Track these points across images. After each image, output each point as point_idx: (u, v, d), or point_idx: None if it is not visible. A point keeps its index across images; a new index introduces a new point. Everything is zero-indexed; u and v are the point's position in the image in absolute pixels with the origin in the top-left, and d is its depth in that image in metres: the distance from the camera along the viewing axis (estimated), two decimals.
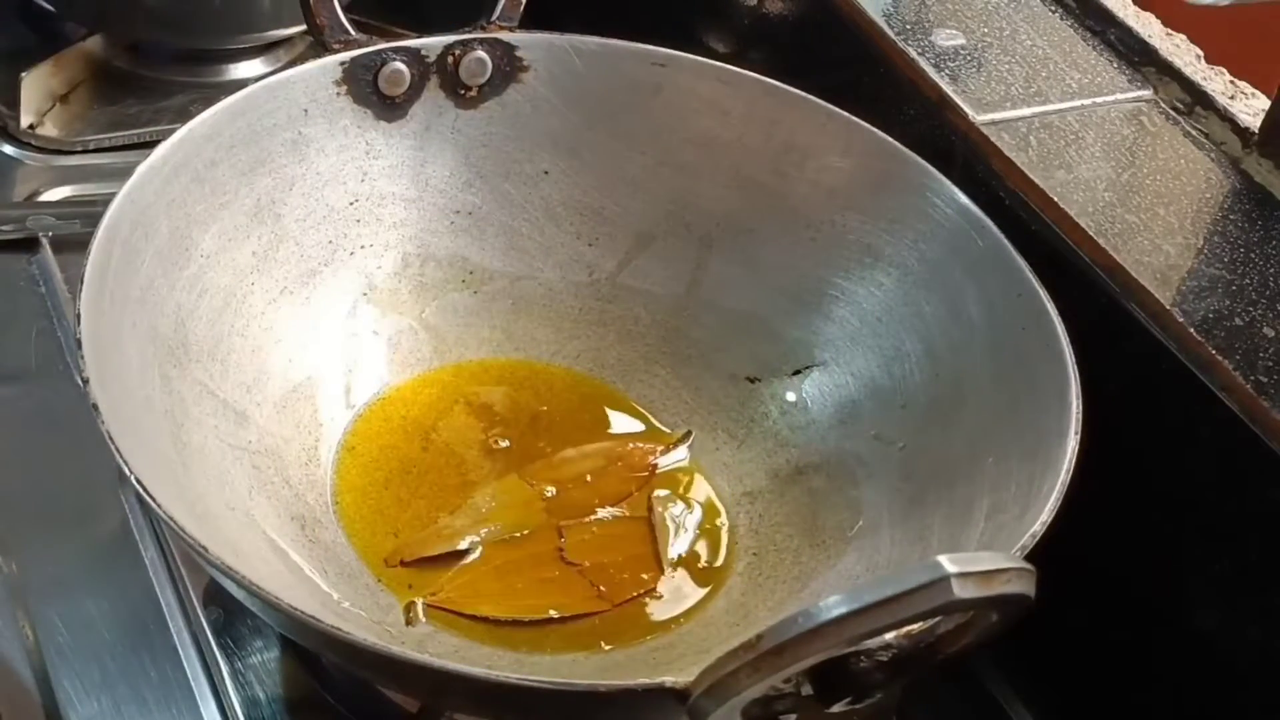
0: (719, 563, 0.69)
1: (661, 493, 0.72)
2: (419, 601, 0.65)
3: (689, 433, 0.75)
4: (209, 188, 0.68)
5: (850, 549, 0.68)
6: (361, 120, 0.74)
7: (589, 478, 0.72)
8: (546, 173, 0.78)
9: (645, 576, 0.68)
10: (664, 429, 0.75)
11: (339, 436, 0.72)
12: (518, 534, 0.69)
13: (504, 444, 0.73)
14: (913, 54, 0.79)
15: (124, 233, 0.63)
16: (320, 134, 0.72)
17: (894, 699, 0.57)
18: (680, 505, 0.71)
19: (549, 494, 0.71)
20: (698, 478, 0.73)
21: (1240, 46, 0.80)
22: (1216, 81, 0.79)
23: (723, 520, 0.71)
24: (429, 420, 0.73)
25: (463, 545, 0.68)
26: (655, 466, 0.73)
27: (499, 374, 0.76)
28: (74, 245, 0.83)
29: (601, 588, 0.67)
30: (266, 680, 0.68)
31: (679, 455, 0.74)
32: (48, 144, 0.93)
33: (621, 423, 0.75)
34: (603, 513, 0.71)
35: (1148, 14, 0.83)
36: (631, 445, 0.74)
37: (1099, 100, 0.78)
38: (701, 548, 0.70)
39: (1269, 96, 0.74)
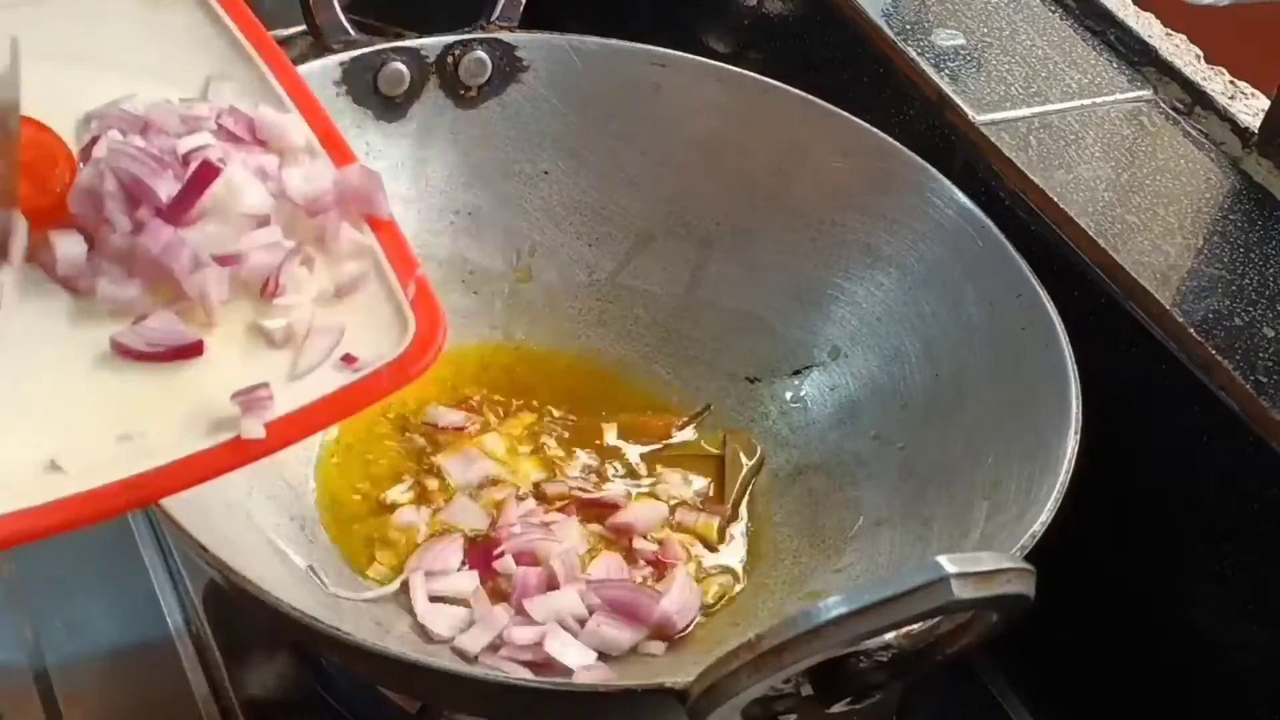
0: (719, 562, 0.69)
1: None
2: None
3: (708, 406, 0.75)
4: None
5: (850, 549, 0.68)
6: (361, 120, 0.74)
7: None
8: (546, 173, 0.78)
9: None
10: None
11: (335, 435, 0.71)
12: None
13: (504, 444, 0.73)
14: (913, 54, 0.79)
15: None
16: None
17: (894, 699, 0.57)
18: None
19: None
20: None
21: (1240, 46, 0.80)
22: (1216, 81, 0.79)
23: (723, 520, 0.71)
24: (430, 418, 0.73)
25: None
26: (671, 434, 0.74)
27: (498, 373, 0.76)
28: None
29: None
30: (266, 680, 0.68)
31: (689, 434, 0.74)
32: None
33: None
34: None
35: (1148, 14, 0.83)
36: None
37: (1099, 100, 0.78)
38: (702, 547, 0.70)
39: (1269, 96, 0.74)
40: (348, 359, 0.50)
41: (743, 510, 0.71)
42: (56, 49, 0.58)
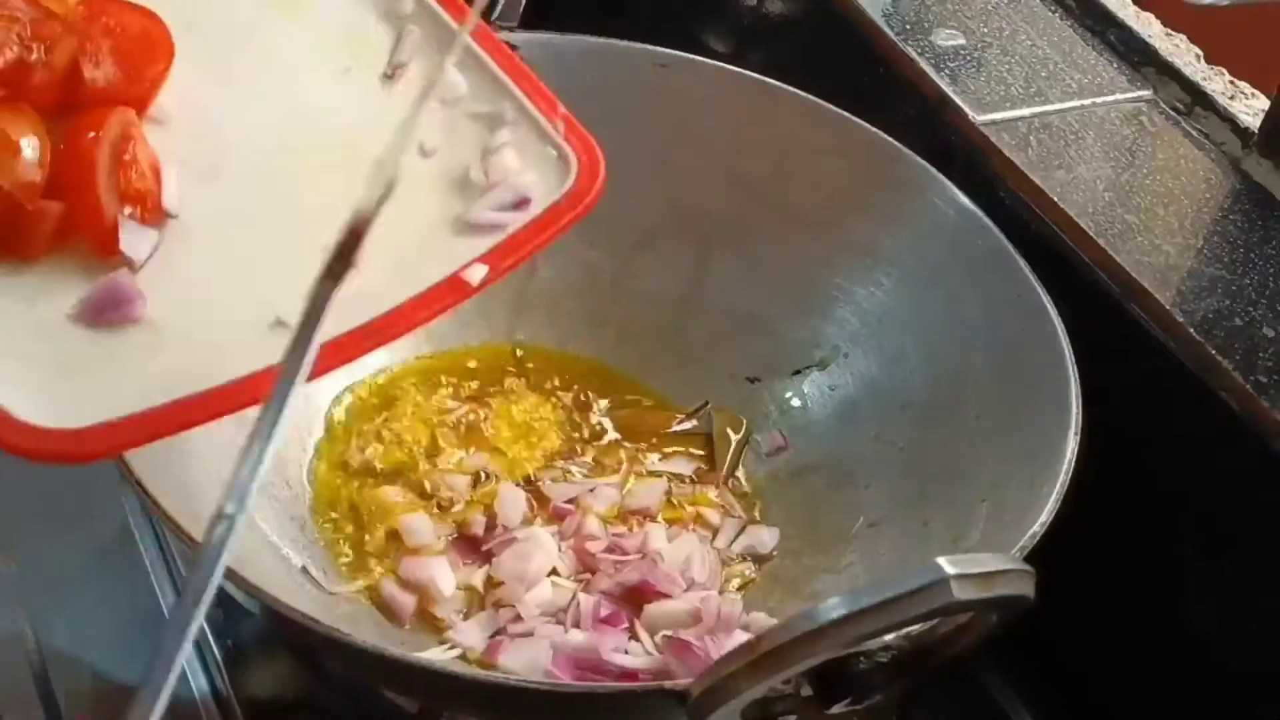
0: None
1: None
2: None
3: (706, 403, 0.75)
4: None
5: (850, 549, 0.68)
6: None
7: None
8: None
9: None
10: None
11: (339, 419, 0.72)
12: None
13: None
14: (913, 54, 0.79)
15: None
16: None
17: (894, 700, 0.57)
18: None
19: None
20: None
21: (1240, 46, 0.80)
22: (1216, 81, 0.79)
23: (717, 486, 0.72)
24: (431, 417, 0.73)
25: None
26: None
27: (496, 370, 0.76)
28: None
29: None
30: (266, 680, 0.68)
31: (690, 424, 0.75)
32: None
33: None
34: None
35: (1148, 14, 0.83)
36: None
37: (1099, 100, 0.78)
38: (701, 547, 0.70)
39: (1269, 96, 0.74)
40: (522, 202, 0.54)
41: (753, 513, 0.72)
42: None
